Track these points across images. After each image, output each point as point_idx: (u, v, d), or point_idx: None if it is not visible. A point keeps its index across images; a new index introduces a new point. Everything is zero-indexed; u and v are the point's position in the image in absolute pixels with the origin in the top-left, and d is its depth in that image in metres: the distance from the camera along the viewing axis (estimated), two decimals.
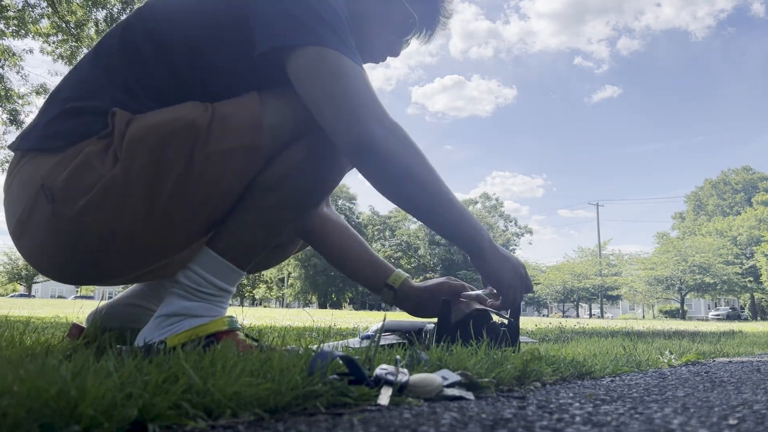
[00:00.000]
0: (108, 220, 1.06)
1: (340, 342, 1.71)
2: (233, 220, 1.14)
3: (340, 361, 0.84)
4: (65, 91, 1.15)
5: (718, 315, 45.89)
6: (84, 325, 1.42)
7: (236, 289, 1.24)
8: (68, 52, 9.50)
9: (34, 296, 50.51)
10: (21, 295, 46.09)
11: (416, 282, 1.56)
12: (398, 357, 1.02)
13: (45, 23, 9.39)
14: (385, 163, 1.08)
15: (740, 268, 40.53)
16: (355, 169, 1.19)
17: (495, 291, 1.37)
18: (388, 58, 1.41)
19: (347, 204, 56.86)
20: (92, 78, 1.14)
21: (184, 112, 1.08)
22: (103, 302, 1.50)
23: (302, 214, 1.21)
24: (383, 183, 1.12)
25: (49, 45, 9.58)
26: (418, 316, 1.58)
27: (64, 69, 9.89)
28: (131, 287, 1.52)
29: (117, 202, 1.05)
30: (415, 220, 60.75)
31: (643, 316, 50.30)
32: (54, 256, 1.13)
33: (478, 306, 1.53)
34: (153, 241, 1.13)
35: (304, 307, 47.18)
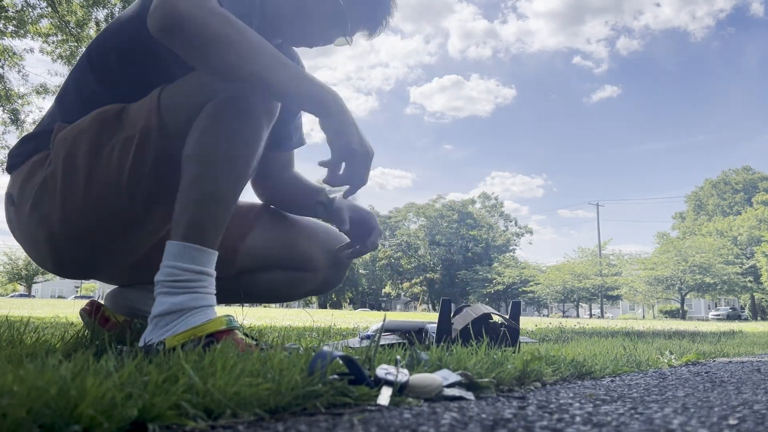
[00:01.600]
0: (50, 214, 1.22)
1: (340, 342, 1.71)
2: (178, 203, 1.15)
3: (340, 361, 0.84)
4: (47, 117, 1.35)
5: (718, 315, 45.86)
6: (102, 302, 1.48)
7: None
8: (68, 52, 9.49)
9: (34, 296, 50.55)
10: (21, 295, 46.11)
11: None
12: (398, 357, 1.02)
13: (45, 23, 9.39)
14: (194, 34, 1.05)
15: (740, 268, 40.49)
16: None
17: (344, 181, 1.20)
18: (328, 46, 1.47)
19: None
20: (66, 97, 1.33)
21: (98, 111, 1.22)
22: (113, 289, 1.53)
23: (238, 175, 1.18)
24: (195, 56, 1.09)
25: (49, 45, 9.58)
26: (353, 233, 1.52)
27: (63, 69, 9.89)
28: None
29: (52, 197, 1.21)
30: (415, 219, 60.66)
31: (643, 316, 50.31)
32: (31, 249, 1.33)
33: (485, 311, 1.54)
34: (104, 230, 1.24)
35: (304, 307, 47.18)
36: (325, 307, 45.90)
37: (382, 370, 0.86)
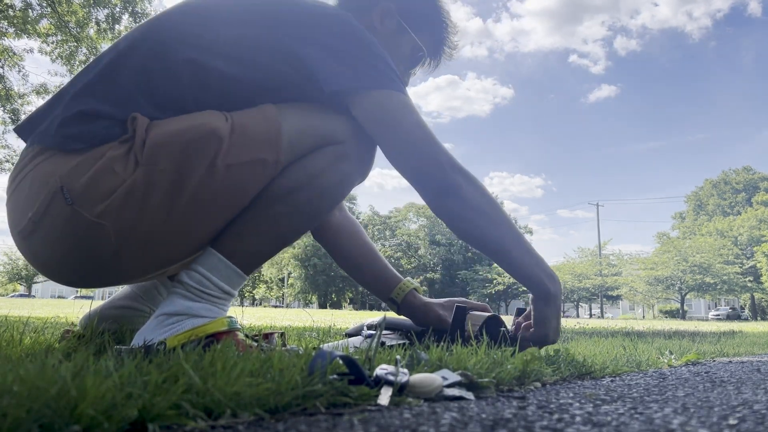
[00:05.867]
0: (127, 224, 1.06)
1: (340, 342, 1.70)
2: (243, 226, 1.14)
3: (340, 361, 0.84)
4: (86, 89, 1.12)
5: (718, 315, 45.82)
6: (77, 329, 1.43)
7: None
8: (66, 53, 9.49)
9: (34, 296, 50.49)
10: (21, 295, 46.09)
11: (424, 295, 1.56)
12: (398, 357, 1.02)
13: (44, 23, 9.38)
14: (467, 205, 1.23)
15: (740, 268, 40.50)
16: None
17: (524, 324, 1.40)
18: None
19: (347, 204, 56.06)
20: (116, 81, 1.12)
21: (204, 120, 1.08)
22: (96, 303, 1.50)
23: (312, 224, 1.23)
24: (463, 223, 1.25)
25: (48, 45, 9.57)
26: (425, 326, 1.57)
27: (63, 69, 9.88)
28: (122, 289, 1.52)
29: (137, 207, 1.05)
30: (415, 219, 60.70)
31: (643, 316, 50.29)
32: (65, 257, 1.11)
33: (491, 312, 1.54)
34: (167, 245, 1.13)
35: (304, 307, 47.17)
36: (325, 307, 45.90)
37: (382, 370, 0.86)
